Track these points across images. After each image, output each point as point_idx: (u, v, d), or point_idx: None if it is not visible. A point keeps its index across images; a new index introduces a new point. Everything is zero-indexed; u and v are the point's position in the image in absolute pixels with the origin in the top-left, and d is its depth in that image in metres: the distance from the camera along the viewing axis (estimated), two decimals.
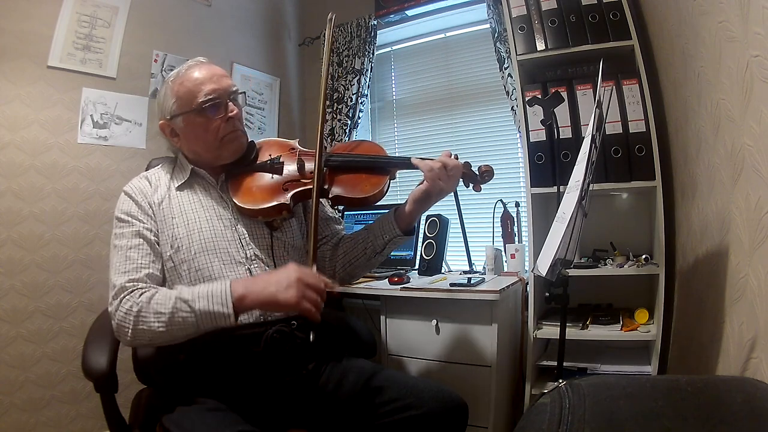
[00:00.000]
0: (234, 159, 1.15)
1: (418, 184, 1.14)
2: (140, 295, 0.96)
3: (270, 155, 1.17)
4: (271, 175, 1.15)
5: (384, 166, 1.16)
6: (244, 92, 1.21)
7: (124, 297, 0.96)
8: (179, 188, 1.12)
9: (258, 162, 1.17)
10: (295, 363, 1.06)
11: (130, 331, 0.94)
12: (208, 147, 1.11)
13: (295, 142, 1.22)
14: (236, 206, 1.11)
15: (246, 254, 1.08)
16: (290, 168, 1.15)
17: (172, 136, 1.14)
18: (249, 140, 1.19)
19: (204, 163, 1.15)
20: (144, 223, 1.05)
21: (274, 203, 1.09)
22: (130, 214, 1.06)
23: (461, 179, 1.19)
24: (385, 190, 1.15)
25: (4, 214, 1.63)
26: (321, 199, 1.16)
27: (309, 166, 1.13)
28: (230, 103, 1.11)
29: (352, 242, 1.22)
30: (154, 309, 0.93)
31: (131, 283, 0.97)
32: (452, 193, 1.95)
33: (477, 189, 1.22)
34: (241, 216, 1.11)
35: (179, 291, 0.95)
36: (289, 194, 1.11)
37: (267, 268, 1.09)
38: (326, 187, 1.13)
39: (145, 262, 1.02)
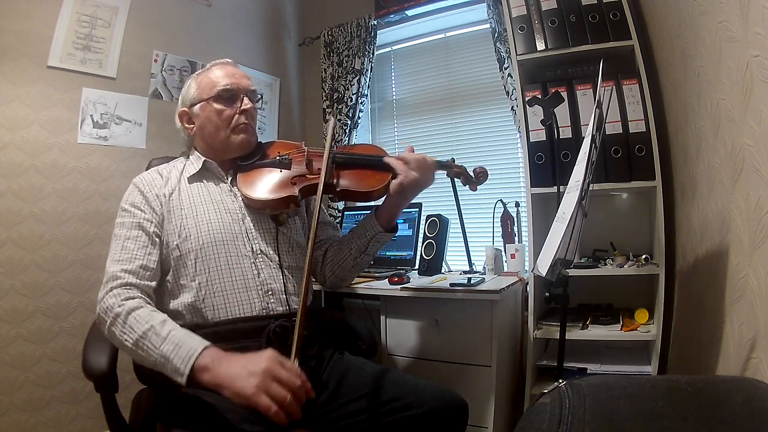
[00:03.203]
0: (242, 153, 1.20)
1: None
2: (126, 299, 0.96)
3: (279, 152, 1.22)
4: (279, 170, 1.19)
5: (386, 164, 1.20)
6: (261, 96, 1.24)
7: (113, 290, 0.98)
8: (190, 180, 1.16)
9: (267, 159, 1.22)
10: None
11: (105, 326, 0.97)
12: (219, 136, 1.16)
13: (301, 144, 1.26)
14: (244, 199, 1.14)
15: (252, 248, 1.11)
16: (298, 164, 1.19)
17: (188, 124, 1.20)
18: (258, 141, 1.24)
19: (214, 154, 1.19)
20: (145, 213, 1.08)
21: (283, 195, 1.13)
22: (134, 204, 1.09)
23: (458, 178, 1.27)
24: (389, 186, 1.18)
25: (4, 214, 1.63)
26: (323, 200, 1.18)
27: (316, 163, 1.17)
28: (245, 98, 1.17)
29: (339, 245, 1.26)
30: (129, 324, 0.93)
31: (123, 274, 1.00)
32: (453, 193, 1.98)
33: (473, 189, 1.33)
34: (248, 210, 1.15)
35: (161, 321, 0.93)
36: (297, 188, 1.14)
37: (271, 263, 1.11)
38: (333, 181, 1.16)
39: (140, 253, 1.04)
